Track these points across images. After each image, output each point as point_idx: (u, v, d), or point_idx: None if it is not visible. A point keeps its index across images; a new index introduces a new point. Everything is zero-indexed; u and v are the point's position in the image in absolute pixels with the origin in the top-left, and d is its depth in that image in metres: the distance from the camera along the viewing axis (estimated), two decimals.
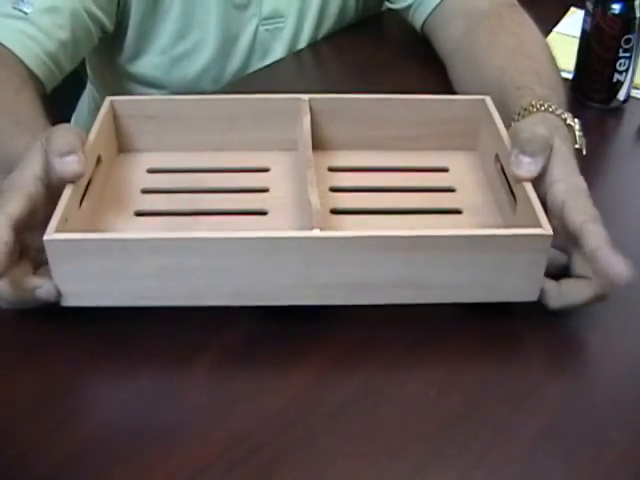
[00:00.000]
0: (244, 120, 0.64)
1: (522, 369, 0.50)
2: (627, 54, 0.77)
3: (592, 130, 0.73)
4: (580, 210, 0.50)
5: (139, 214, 0.59)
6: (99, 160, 0.58)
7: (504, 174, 0.57)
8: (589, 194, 0.52)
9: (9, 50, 0.72)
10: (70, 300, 0.51)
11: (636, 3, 0.75)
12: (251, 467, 0.44)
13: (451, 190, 0.62)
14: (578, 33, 0.81)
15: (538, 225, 0.49)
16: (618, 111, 0.80)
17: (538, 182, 0.53)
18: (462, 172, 0.64)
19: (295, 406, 0.48)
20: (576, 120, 0.63)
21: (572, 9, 1.02)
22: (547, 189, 0.53)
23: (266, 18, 0.93)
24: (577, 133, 0.62)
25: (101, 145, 0.59)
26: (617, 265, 0.47)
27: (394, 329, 0.53)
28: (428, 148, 0.66)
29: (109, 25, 0.84)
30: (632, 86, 0.81)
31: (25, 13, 0.73)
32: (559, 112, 0.62)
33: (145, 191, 0.61)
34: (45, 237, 0.48)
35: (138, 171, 0.64)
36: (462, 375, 0.50)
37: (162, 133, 0.65)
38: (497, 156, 0.59)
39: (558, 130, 0.60)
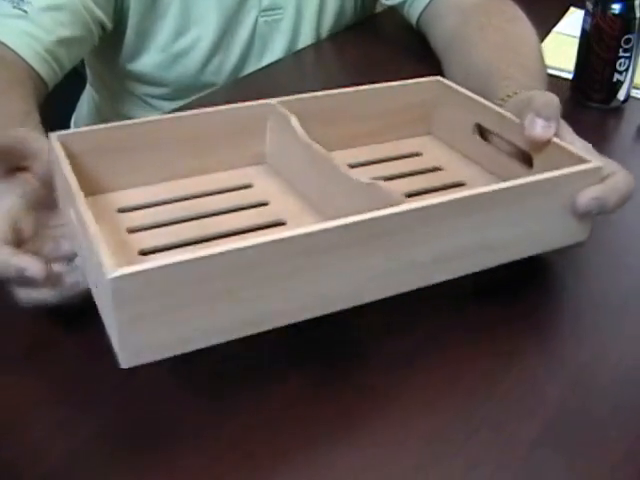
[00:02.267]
0: (208, 139, 0.59)
1: (522, 369, 0.50)
2: (627, 54, 0.77)
3: (592, 130, 0.73)
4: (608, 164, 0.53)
5: (145, 253, 0.51)
6: None
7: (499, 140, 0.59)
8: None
9: (10, 49, 0.72)
10: (134, 358, 0.41)
11: (636, 3, 0.75)
12: (251, 467, 0.44)
13: (439, 169, 0.62)
14: (578, 33, 0.81)
15: (580, 162, 0.50)
16: (618, 111, 0.80)
17: None
18: (436, 153, 0.64)
19: (295, 407, 0.48)
20: None
21: (572, 9, 1.02)
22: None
23: (265, 9, 0.93)
24: None
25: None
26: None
27: (393, 330, 0.53)
28: (390, 138, 0.66)
29: (108, 24, 0.84)
30: (632, 86, 0.81)
31: (25, 12, 0.73)
32: None
33: (133, 230, 0.53)
34: (110, 276, 0.38)
35: (110, 212, 0.55)
36: (462, 375, 0.50)
37: (123, 167, 0.56)
38: (477, 126, 0.60)
39: None
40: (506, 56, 0.71)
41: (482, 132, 0.62)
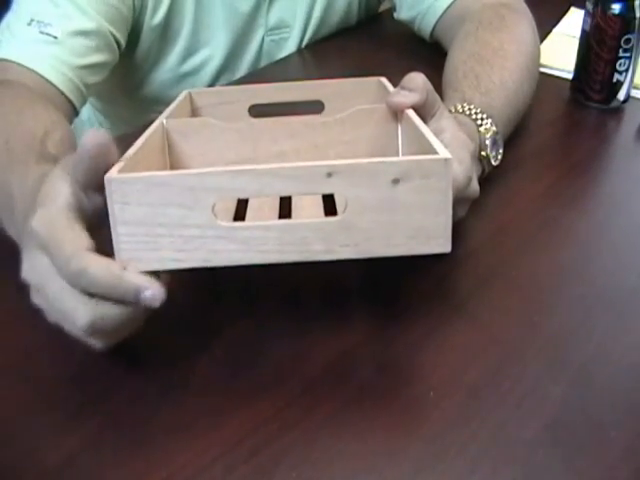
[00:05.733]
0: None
1: (522, 369, 0.50)
2: (627, 54, 0.77)
3: (592, 130, 0.73)
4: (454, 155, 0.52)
5: None
6: None
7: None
8: (472, 149, 0.57)
9: (40, 75, 0.71)
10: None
11: (636, 3, 0.75)
12: (251, 467, 0.44)
13: None
14: (578, 33, 0.81)
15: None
16: (618, 111, 0.80)
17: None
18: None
19: (295, 406, 0.48)
20: (493, 129, 0.64)
21: (572, 9, 1.02)
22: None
23: (272, 29, 0.94)
24: (486, 142, 0.64)
25: None
26: None
27: (393, 330, 0.53)
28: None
29: (123, 46, 0.84)
30: (632, 86, 0.81)
31: (55, 37, 0.72)
32: (476, 116, 0.64)
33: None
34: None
35: None
36: (461, 376, 0.50)
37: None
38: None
39: (466, 127, 0.62)
40: (469, 66, 0.72)
41: None
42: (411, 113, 0.54)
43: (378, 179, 0.43)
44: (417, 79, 0.56)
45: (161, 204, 0.42)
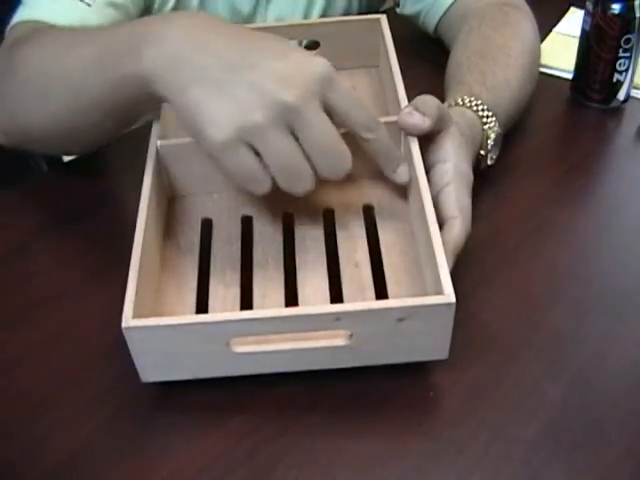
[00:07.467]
0: None
1: (522, 369, 0.50)
2: (627, 54, 0.77)
3: (592, 130, 0.73)
4: (457, 201, 0.54)
5: None
6: None
7: None
8: (472, 183, 0.57)
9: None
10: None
11: (636, 3, 0.75)
12: (251, 467, 0.44)
13: None
14: (578, 33, 0.81)
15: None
16: (618, 111, 0.80)
17: (431, 153, 0.56)
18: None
19: (295, 406, 0.48)
20: (496, 129, 0.64)
21: (572, 9, 1.02)
22: (436, 164, 0.56)
23: None
24: (488, 141, 0.64)
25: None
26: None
27: None
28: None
29: None
30: (632, 86, 0.81)
31: (88, 5, 0.75)
32: (482, 113, 0.64)
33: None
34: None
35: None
36: (461, 376, 0.50)
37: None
38: None
39: (473, 128, 0.62)
40: (474, 61, 0.72)
41: None
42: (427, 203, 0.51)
43: (384, 319, 0.45)
44: (431, 104, 0.55)
45: (178, 340, 0.45)
